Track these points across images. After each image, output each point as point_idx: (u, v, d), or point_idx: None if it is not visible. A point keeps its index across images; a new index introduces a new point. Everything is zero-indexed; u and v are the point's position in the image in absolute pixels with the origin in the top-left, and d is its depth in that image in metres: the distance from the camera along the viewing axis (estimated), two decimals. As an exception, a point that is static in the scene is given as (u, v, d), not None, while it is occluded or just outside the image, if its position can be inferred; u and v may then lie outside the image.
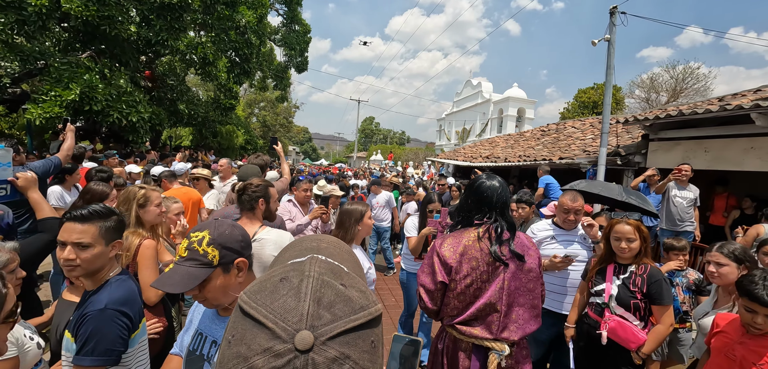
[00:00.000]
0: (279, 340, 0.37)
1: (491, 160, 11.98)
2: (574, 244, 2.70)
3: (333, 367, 0.37)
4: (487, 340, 1.70)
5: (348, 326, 0.40)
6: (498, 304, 1.71)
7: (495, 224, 1.79)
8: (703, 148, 5.84)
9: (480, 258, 1.72)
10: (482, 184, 1.89)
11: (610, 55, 6.40)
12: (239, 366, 0.37)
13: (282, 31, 15.42)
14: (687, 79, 22.82)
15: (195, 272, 1.02)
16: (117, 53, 8.60)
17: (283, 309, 0.39)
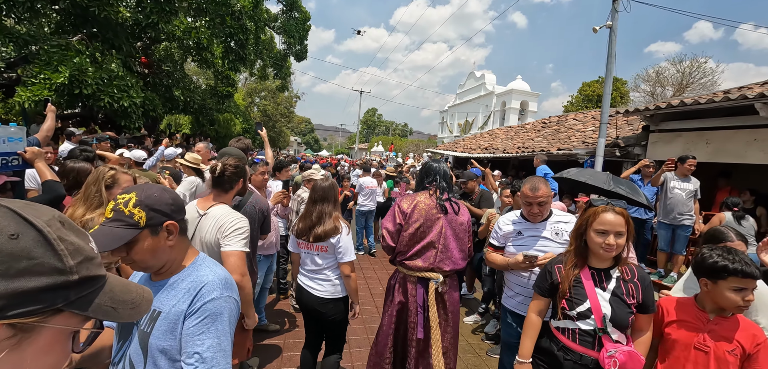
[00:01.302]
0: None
1: (489, 152, 11.81)
2: (541, 240, 2.29)
3: None
4: (426, 270, 2.41)
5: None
6: (436, 243, 2.42)
7: (438, 187, 2.55)
8: (704, 140, 5.66)
9: (426, 209, 2.45)
10: (431, 163, 2.73)
11: (611, 42, 6.20)
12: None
13: (281, 18, 15.20)
14: (694, 73, 22.40)
15: (119, 233, 1.00)
16: (109, 37, 8.46)
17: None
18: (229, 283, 1.13)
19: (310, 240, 2.45)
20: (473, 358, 3.67)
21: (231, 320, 1.09)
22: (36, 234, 0.46)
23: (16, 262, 0.44)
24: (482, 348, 3.85)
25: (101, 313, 0.52)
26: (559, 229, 2.30)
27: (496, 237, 2.51)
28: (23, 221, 0.46)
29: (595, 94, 25.89)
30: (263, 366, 3.24)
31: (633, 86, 25.45)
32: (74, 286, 0.49)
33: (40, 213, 0.49)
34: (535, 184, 2.29)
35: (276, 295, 4.67)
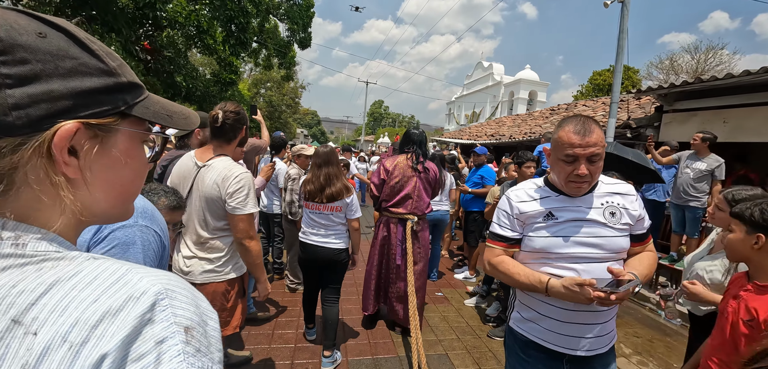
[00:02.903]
0: None
1: (496, 138, 11.56)
2: (588, 224, 1.39)
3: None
4: (405, 214, 3.21)
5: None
6: (412, 194, 3.20)
7: (415, 152, 3.27)
8: (721, 119, 5.38)
9: (404, 169, 3.22)
10: (409, 131, 3.40)
11: (623, 17, 5.92)
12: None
13: (285, 5, 15.02)
14: (709, 60, 21.71)
15: None
16: (108, 20, 8.36)
17: None
18: (149, 212, 1.00)
19: (323, 201, 2.77)
20: (473, 339, 3.50)
21: (146, 252, 0.95)
22: (61, 34, 0.41)
23: (61, 61, 0.40)
24: (483, 330, 3.69)
25: (159, 118, 0.50)
26: (614, 206, 1.41)
27: (507, 223, 1.50)
28: (42, 22, 0.41)
29: (606, 83, 25.28)
30: (255, 344, 3.12)
31: (646, 74, 24.80)
32: (127, 88, 0.46)
33: (54, 17, 0.43)
34: (583, 123, 1.34)
35: (271, 275, 4.56)
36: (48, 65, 0.39)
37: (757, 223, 1.36)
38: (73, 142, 0.41)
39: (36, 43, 0.39)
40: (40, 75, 0.39)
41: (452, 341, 3.44)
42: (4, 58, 0.37)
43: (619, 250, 1.39)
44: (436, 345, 3.36)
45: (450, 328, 3.69)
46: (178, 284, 0.41)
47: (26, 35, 0.39)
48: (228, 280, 1.94)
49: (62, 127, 0.40)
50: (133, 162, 0.49)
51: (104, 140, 0.45)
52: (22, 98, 0.38)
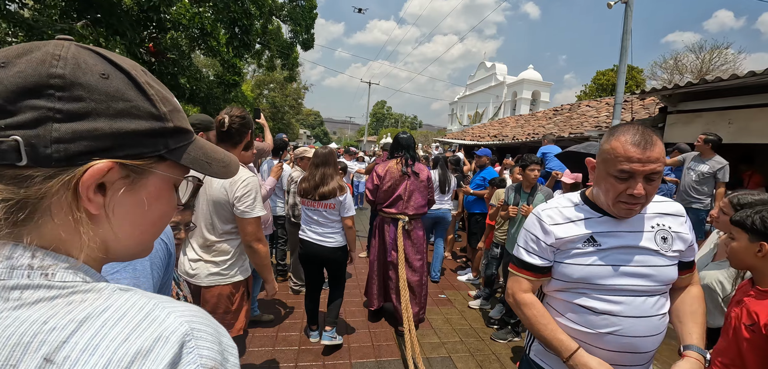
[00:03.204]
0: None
1: (499, 139, 11.54)
2: (639, 253, 1.22)
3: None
4: (397, 214, 3.43)
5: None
6: (403, 196, 3.41)
7: (404, 156, 3.47)
8: (726, 120, 5.34)
9: (395, 173, 3.42)
10: (399, 136, 3.59)
11: (627, 18, 5.90)
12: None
13: (287, 6, 15.06)
14: (714, 59, 21.57)
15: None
16: (113, 23, 8.42)
17: None
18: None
19: (316, 198, 2.90)
20: (476, 342, 3.50)
21: (153, 261, 0.93)
22: (125, 76, 0.44)
23: (114, 103, 0.42)
24: (486, 333, 3.69)
25: (198, 165, 0.51)
26: (665, 230, 1.23)
27: (536, 248, 1.30)
28: (109, 63, 0.43)
29: (609, 83, 25.15)
30: (258, 347, 3.13)
31: (650, 74, 24.67)
32: (171, 133, 0.47)
33: (122, 58, 0.46)
34: (643, 134, 1.13)
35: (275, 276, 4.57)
36: (101, 105, 0.40)
37: (759, 231, 1.37)
38: (104, 179, 0.42)
39: (96, 83, 0.41)
40: (90, 113, 0.40)
41: (456, 344, 3.45)
42: (61, 94, 0.39)
43: (669, 281, 1.23)
44: (440, 347, 3.36)
45: (453, 330, 3.70)
46: (201, 321, 0.42)
47: (89, 75, 0.41)
48: (233, 283, 1.96)
49: (95, 166, 0.40)
50: (161, 204, 0.50)
51: (135, 181, 0.45)
52: (66, 133, 0.39)
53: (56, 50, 0.40)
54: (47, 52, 0.40)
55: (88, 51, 0.43)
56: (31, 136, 0.37)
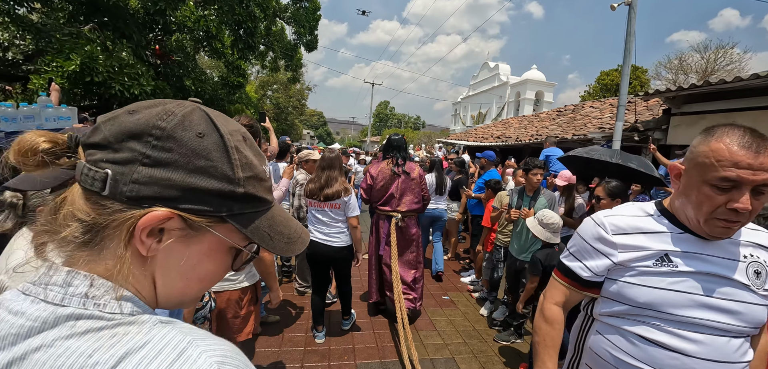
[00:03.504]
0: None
1: (502, 140, 11.55)
2: (727, 284, 1.01)
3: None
4: (390, 211, 3.61)
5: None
6: (395, 194, 3.61)
7: (396, 157, 3.67)
8: (730, 122, 5.33)
9: (387, 173, 3.62)
10: (391, 138, 3.77)
11: (630, 20, 5.89)
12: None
13: (291, 8, 15.14)
14: (719, 60, 21.41)
15: (54, 173, 0.92)
16: (120, 26, 8.52)
17: None
18: None
19: (321, 199, 3.05)
20: (480, 343, 3.53)
21: None
22: (218, 138, 0.47)
23: (196, 159, 0.44)
24: (489, 334, 3.72)
25: (258, 236, 0.51)
26: (760, 264, 1.04)
27: (587, 256, 1.15)
28: (211, 125, 0.47)
29: (613, 83, 25.04)
30: (264, 347, 3.18)
31: (654, 74, 24.53)
32: (239, 198, 0.48)
33: (228, 123, 0.50)
34: (753, 135, 0.97)
35: (280, 278, 4.62)
36: (183, 158, 0.44)
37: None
38: (161, 226, 0.44)
39: (188, 140, 0.45)
40: (171, 164, 0.43)
41: (459, 345, 3.48)
42: (155, 143, 0.43)
43: (758, 324, 1.02)
44: (443, 349, 3.40)
45: (457, 331, 3.73)
46: (233, 360, 0.44)
47: (188, 132, 0.45)
48: (241, 288, 2.01)
49: (155, 213, 0.43)
50: (211, 264, 0.50)
51: (191, 235, 0.47)
52: (144, 176, 0.43)
53: (174, 108, 0.46)
54: (166, 109, 0.46)
55: (202, 113, 0.48)
56: (118, 172, 0.42)
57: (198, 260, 0.49)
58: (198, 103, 0.50)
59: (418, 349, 3.35)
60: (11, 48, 8.08)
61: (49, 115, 2.54)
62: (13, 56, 8.14)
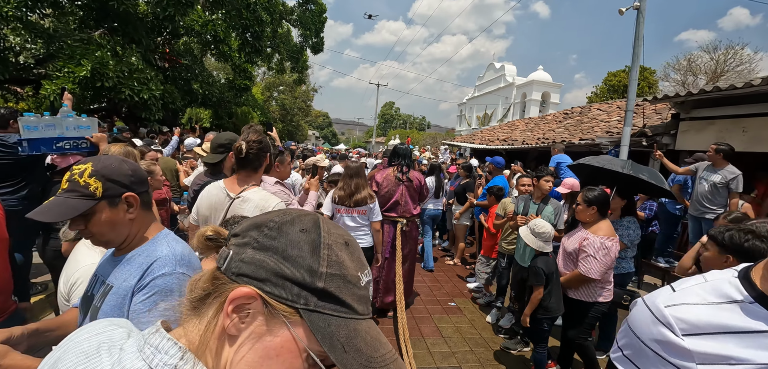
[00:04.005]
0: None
1: (508, 143, 11.51)
2: None
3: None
4: (396, 217, 3.89)
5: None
6: (400, 201, 3.89)
7: (401, 164, 3.95)
8: (740, 128, 5.28)
9: (392, 180, 3.90)
10: (397, 147, 4.08)
11: (639, 24, 5.85)
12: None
13: (297, 11, 15.22)
14: (729, 60, 21.12)
15: (74, 203, 0.96)
16: (129, 31, 8.63)
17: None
18: (186, 259, 1.06)
19: (351, 205, 3.32)
20: (486, 351, 3.54)
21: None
22: (317, 236, 0.51)
23: (291, 249, 0.48)
24: (496, 342, 3.72)
25: (329, 343, 0.46)
26: None
27: (644, 361, 0.82)
28: (316, 226, 0.52)
29: (621, 84, 24.82)
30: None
31: (662, 75, 24.24)
32: (317, 292, 0.48)
33: (334, 228, 0.54)
34: None
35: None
36: (281, 246, 0.49)
37: (727, 246, 1.60)
38: (245, 303, 0.47)
39: (290, 232, 0.50)
40: (270, 249, 0.49)
41: (466, 353, 3.49)
42: (267, 232, 0.50)
43: None
44: (450, 357, 3.41)
45: (463, 339, 3.73)
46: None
47: (293, 226, 0.51)
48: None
49: (241, 288, 0.47)
50: (278, 362, 0.47)
51: (268, 322, 0.47)
52: (247, 257, 0.49)
53: (300, 214, 0.54)
54: (294, 215, 0.54)
55: (317, 219, 0.54)
56: (235, 252, 0.50)
57: (269, 354, 0.47)
58: (319, 214, 0.56)
59: (426, 358, 3.37)
60: (23, 52, 8.22)
61: (71, 124, 2.61)
62: (24, 60, 8.28)
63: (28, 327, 1.09)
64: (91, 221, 1.00)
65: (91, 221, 1.00)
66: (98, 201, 0.99)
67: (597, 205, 2.73)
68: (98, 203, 0.99)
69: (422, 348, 3.52)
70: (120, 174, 1.03)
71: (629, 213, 3.38)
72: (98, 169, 1.00)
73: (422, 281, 5.26)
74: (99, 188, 0.99)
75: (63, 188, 0.99)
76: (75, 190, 0.98)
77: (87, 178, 0.98)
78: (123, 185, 1.04)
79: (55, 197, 0.98)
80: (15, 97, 10.89)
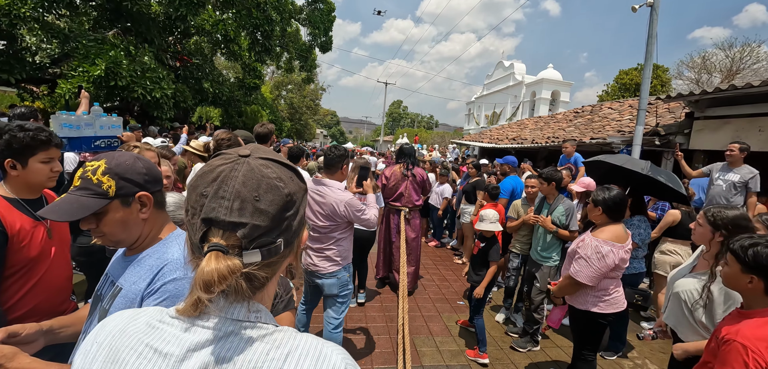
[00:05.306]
0: (228, 155, 0.61)
1: (518, 142, 11.43)
2: None
3: (261, 166, 0.59)
4: (400, 206, 4.44)
5: (274, 157, 0.62)
6: (404, 193, 4.49)
7: (406, 162, 4.55)
8: (757, 127, 5.17)
9: (398, 175, 4.52)
10: (403, 147, 4.73)
11: (652, 22, 5.76)
12: (203, 169, 0.60)
13: (306, 10, 15.29)
14: (745, 58, 20.65)
15: (86, 202, 0.93)
16: (142, 31, 8.78)
17: (234, 150, 0.62)
18: None
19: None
20: (495, 350, 3.53)
21: None
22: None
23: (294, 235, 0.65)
24: (505, 341, 3.71)
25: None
26: None
27: None
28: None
29: (632, 82, 24.45)
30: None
31: (676, 73, 23.84)
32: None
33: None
34: None
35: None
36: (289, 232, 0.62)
37: (751, 265, 1.43)
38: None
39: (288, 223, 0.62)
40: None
41: (475, 352, 3.48)
42: (297, 206, 0.63)
43: None
44: (459, 355, 3.41)
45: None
46: (348, 355, 0.60)
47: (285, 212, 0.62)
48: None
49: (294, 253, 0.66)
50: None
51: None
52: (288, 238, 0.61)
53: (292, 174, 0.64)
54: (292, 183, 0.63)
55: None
56: (286, 238, 0.61)
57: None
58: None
59: (435, 355, 3.38)
60: (39, 52, 8.41)
61: (104, 123, 2.74)
62: (40, 60, 8.46)
63: (44, 324, 1.08)
64: (102, 220, 0.96)
65: (103, 221, 0.97)
66: (111, 200, 0.95)
67: (602, 207, 2.49)
68: (111, 202, 0.96)
69: (431, 346, 3.53)
70: (134, 172, 1.00)
71: (640, 212, 3.33)
72: (112, 166, 0.97)
73: (431, 280, 5.26)
74: (112, 187, 0.95)
75: (75, 186, 0.96)
76: (87, 188, 0.94)
77: (100, 176, 0.95)
78: (137, 184, 1.00)
79: (67, 195, 0.95)
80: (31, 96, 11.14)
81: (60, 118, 2.51)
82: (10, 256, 1.38)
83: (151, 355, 0.55)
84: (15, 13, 6.45)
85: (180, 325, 0.57)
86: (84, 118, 2.59)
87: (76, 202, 0.93)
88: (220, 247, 0.53)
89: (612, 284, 2.51)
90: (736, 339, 1.35)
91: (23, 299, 1.44)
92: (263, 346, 0.55)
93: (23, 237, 1.41)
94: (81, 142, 2.58)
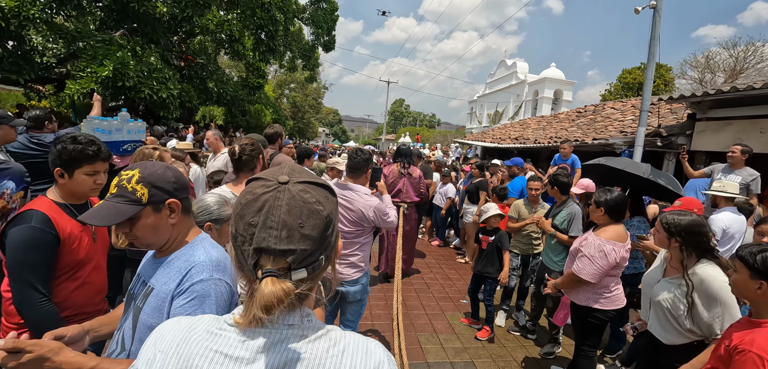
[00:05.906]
0: (268, 181, 0.65)
1: (520, 142, 11.46)
2: None
3: (301, 192, 0.63)
4: (399, 202, 4.42)
5: (313, 180, 0.67)
6: (402, 189, 4.91)
7: (403, 161, 5.00)
8: (758, 129, 5.21)
9: (396, 173, 4.95)
10: (400, 147, 5.25)
11: (655, 23, 5.80)
12: (246, 196, 0.64)
13: (309, 9, 15.35)
14: (749, 57, 20.55)
15: (122, 208, 1.03)
16: (148, 31, 8.87)
17: (271, 174, 0.67)
18: (222, 265, 1.10)
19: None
20: (499, 348, 3.60)
21: (219, 303, 1.05)
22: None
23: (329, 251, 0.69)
24: (508, 338, 3.78)
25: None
26: None
27: None
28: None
29: (635, 81, 24.38)
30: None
31: (679, 73, 23.72)
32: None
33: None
34: None
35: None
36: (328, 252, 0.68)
37: (760, 271, 1.44)
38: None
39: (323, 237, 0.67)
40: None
41: (478, 349, 3.56)
42: (332, 228, 0.67)
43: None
44: (463, 352, 3.48)
45: (476, 336, 3.80)
46: (385, 348, 0.68)
47: (314, 228, 0.66)
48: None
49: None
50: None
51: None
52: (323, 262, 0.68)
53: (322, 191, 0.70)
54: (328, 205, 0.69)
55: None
56: (326, 254, 0.67)
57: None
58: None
59: (439, 353, 3.45)
60: (46, 52, 8.51)
61: (131, 128, 2.86)
62: (47, 60, 8.57)
63: (86, 325, 1.17)
64: (136, 225, 1.06)
65: (136, 225, 1.06)
66: (144, 206, 1.05)
67: (604, 208, 2.61)
68: (144, 209, 1.05)
69: (436, 343, 3.60)
70: (164, 181, 1.09)
71: (639, 213, 3.39)
72: (145, 175, 1.06)
73: (435, 279, 5.33)
74: (145, 194, 1.04)
75: (111, 193, 1.05)
76: (123, 195, 1.04)
77: (134, 185, 1.04)
78: (167, 192, 1.09)
79: (105, 201, 1.05)
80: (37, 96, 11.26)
81: (92, 123, 2.60)
82: (61, 258, 1.49)
83: (223, 360, 0.61)
84: (24, 14, 6.54)
85: (241, 332, 0.63)
86: (114, 123, 2.70)
87: (113, 208, 1.02)
88: (274, 272, 0.59)
89: (612, 282, 2.63)
90: (751, 349, 1.36)
91: (69, 298, 1.54)
92: (322, 344, 0.63)
93: (73, 240, 1.53)
94: (111, 146, 2.69)
